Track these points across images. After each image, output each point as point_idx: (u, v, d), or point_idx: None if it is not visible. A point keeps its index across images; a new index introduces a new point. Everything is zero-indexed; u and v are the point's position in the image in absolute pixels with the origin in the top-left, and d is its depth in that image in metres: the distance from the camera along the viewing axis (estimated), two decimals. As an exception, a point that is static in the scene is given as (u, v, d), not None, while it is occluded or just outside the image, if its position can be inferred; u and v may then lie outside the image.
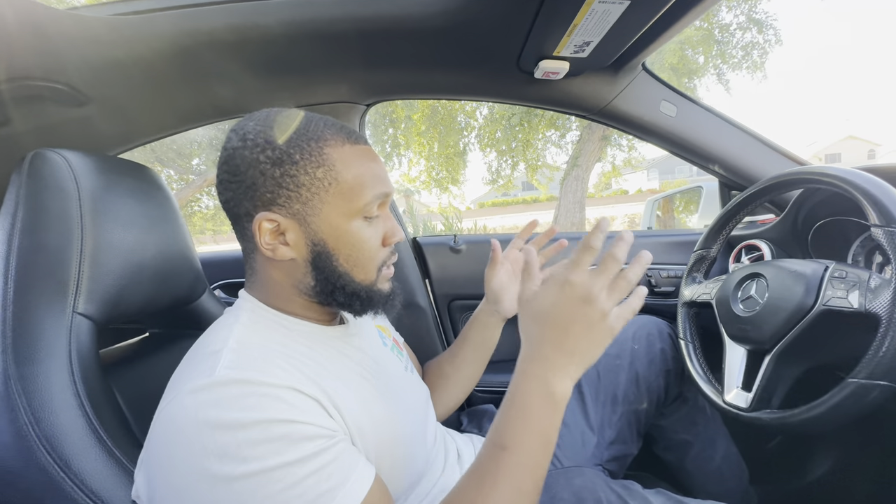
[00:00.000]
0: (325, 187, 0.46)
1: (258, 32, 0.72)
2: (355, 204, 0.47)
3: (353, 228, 0.48)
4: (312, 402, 0.41)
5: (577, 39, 0.70)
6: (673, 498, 0.59)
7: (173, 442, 0.37)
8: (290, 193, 0.45)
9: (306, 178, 0.45)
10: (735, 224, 0.81)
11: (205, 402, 0.37)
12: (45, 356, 0.47)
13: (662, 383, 0.82)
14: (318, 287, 0.49)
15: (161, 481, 0.38)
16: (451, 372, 0.77)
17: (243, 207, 0.46)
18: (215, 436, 0.36)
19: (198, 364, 0.42)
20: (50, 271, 0.51)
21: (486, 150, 7.75)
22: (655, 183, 26.45)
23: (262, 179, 0.45)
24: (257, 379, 0.39)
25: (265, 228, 0.45)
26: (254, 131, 0.46)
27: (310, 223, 0.46)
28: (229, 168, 0.46)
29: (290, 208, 0.45)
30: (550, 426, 0.42)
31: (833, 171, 0.60)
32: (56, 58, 0.69)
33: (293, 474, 0.36)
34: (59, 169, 0.53)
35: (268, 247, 0.46)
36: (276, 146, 0.45)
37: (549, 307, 0.44)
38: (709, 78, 6.72)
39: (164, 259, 0.64)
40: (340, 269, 0.48)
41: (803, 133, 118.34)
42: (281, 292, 0.50)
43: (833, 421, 0.53)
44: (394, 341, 0.68)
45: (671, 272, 1.08)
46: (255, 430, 0.36)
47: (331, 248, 0.47)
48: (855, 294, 0.53)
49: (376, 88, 0.92)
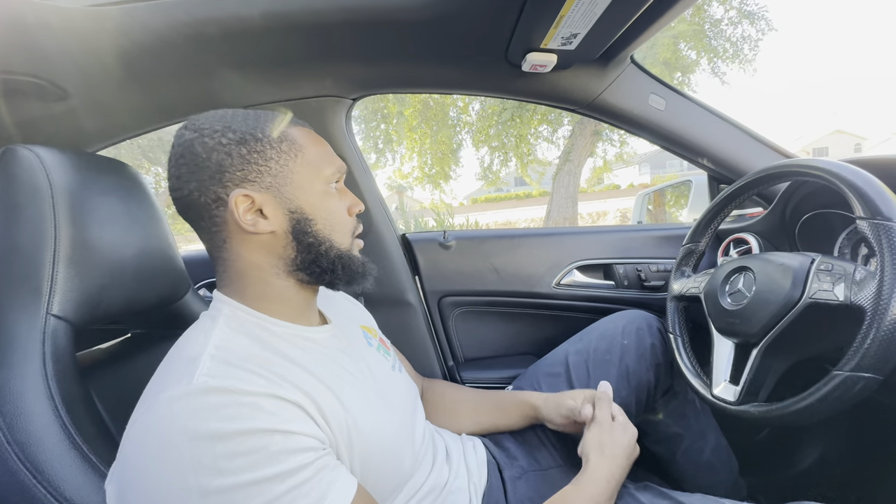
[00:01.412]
0: (293, 157, 0.48)
1: (241, 25, 0.70)
2: (322, 172, 0.50)
3: (323, 193, 0.50)
4: (295, 408, 0.40)
5: (565, 31, 0.69)
6: (660, 492, 0.59)
7: (148, 452, 0.36)
8: (259, 168, 0.46)
9: (273, 152, 0.47)
10: (723, 218, 0.81)
11: (182, 411, 0.36)
12: (18, 360, 0.46)
13: (652, 377, 0.82)
14: (299, 258, 0.49)
15: (134, 492, 0.37)
16: (464, 417, 0.77)
17: (212, 193, 0.46)
18: (191, 447, 0.35)
19: (175, 371, 0.40)
20: (22, 273, 0.49)
21: (479, 145, 7.74)
22: (647, 177, 26.61)
23: (230, 160, 0.45)
24: (237, 387, 0.38)
25: (241, 205, 0.46)
26: (209, 121, 0.47)
27: (284, 193, 0.48)
28: (188, 159, 0.46)
29: (263, 182, 0.46)
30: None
31: (820, 163, 0.60)
32: (35, 51, 0.67)
33: (270, 490, 0.35)
34: (30, 166, 0.52)
35: (248, 221, 0.46)
36: (236, 128, 0.46)
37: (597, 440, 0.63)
38: (701, 73, 6.75)
39: (145, 258, 0.63)
40: (321, 234, 0.50)
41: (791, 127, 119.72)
42: (257, 282, 0.49)
43: (820, 413, 0.53)
44: (380, 341, 0.67)
45: (661, 266, 1.09)
46: (233, 442, 0.35)
47: (308, 215, 0.49)
48: (840, 286, 0.53)
49: (362, 82, 0.90)
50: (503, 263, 1.13)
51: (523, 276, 1.12)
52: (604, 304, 1.09)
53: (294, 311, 0.52)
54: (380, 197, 1.08)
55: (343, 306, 0.70)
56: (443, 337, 1.16)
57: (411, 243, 1.14)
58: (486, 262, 1.13)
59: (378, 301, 1.05)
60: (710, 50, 6.40)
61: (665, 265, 1.09)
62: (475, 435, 0.76)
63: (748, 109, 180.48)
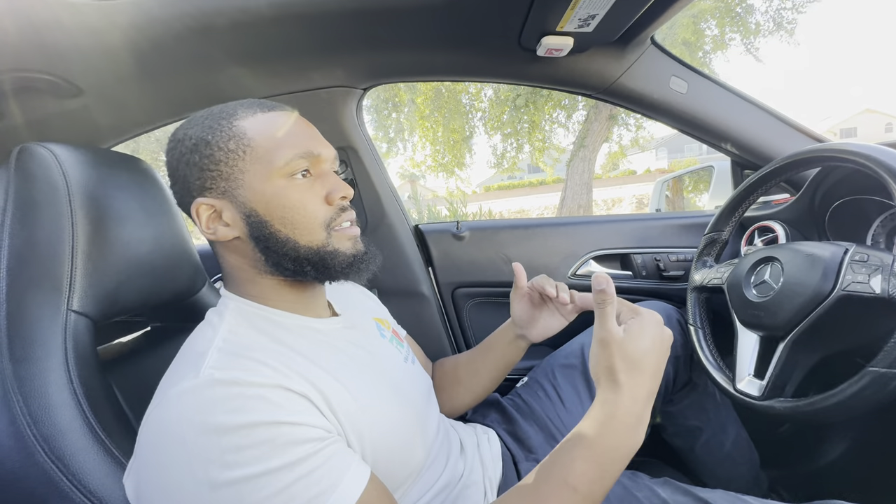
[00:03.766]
0: (241, 156, 0.46)
1: (249, 15, 0.69)
2: (274, 164, 0.46)
3: (279, 189, 0.46)
4: (302, 399, 0.40)
5: (582, 13, 0.66)
6: (680, 487, 0.58)
7: (160, 447, 0.36)
8: (212, 174, 0.46)
9: (221, 154, 0.45)
10: (748, 205, 0.78)
11: (189, 405, 0.36)
12: (41, 356, 0.47)
13: (671, 370, 0.80)
14: (268, 260, 0.48)
15: (149, 487, 0.37)
16: (465, 377, 0.76)
17: (186, 204, 0.48)
18: (199, 441, 0.35)
19: (184, 366, 0.41)
20: (43, 269, 0.50)
21: (492, 133, 7.64)
22: (664, 162, 25.98)
23: (189, 170, 0.46)
24: (242, 379, 0.38)
25: (203, 214, 0.46)
26: (176, 132, 0.48)
27: (237, 196, 0.46)
28: (169, 173, 0.49)
29: (218, 188, 0.46)
30: (621, 471, 0.42)
31: (854, 147, 0.57)
32: (48, 48, 0.67)
33: (279, 480, 0.35)
34: (46, 163, 0.52)
35: (209, 231, 0.47)
36: (191, 136, 0.46)
37: (649, 349, 0.43)
38: (725, 52, 6.47)
39: (161, 253, 0.63)
40: (280, 234, 0.47)
41: (817, 107, 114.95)
42: (249, 281, 0.50)
43: (850, 411, 0.51)
44: (393, 332, 0.67)
45: (680, 256, 1.06)
46: (239, 435, 0.35)
47: (262, 215, 0.46)
48: (877, 279, 0.51)
49: (373, 71, 0.89)
50: (517, 254, 1.11)
51: (538, 266, 1.10)
52: (621, 294, 1.06)
53: (297, 304, 0.52)
54: (391, 187, 1.07)
55: (356, 298, 0.70)
56: (457, 328, 1.15)
57: (424, 234, 1.14)
58: (500, 253, 1.12)
59: (391, 292, 1.04)
60: (743, 25, 6.10)
61: (685, 255, 1.05)
62: (490, 390, 0.76)
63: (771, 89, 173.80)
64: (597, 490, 0.41)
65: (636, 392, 0.42)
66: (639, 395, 0.42)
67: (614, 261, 1.12)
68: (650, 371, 0.43)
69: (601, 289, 0.44)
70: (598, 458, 0.41)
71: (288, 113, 0.50)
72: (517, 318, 0.69)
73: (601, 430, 0.42)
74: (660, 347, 0.44)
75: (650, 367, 0.43)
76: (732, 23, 6.10)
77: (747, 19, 6.07)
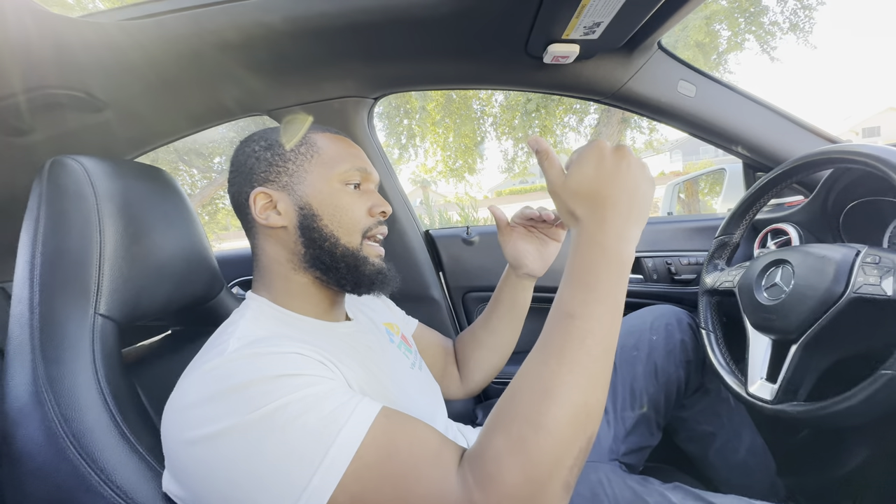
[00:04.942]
0: (308, 158, 0.53)
1: (263, 30, 0.72)
2: (335, 170, 0.53)
3: (334, 190, 0.53)
4: (320, 364, 0.42)
5: (587, 21, 0.67)
6: (690, 492, 0.58)
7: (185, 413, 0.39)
8: (279, 169, 0.53)
9: (292, 154, 0.53)
10: (759, 208, 0.77)
11: (217, 376, 0.38)
12: (71, 357, 0.49)
13: (682, 374, 0.80)
14: (307, 253, 0.53)
15: (176, 459, 0.39)
16: (485, 337, 0.77)
17: (244, 194, 0.53)
18: (227, 397, 0.37)
19: (207, 353, 0.43)
20: (72, 275, 0.52)
21: (503, 137, 7.65)
22: (679, 165, 25.57)
23: (257, 163, 0.53)
24: (265, 350, 0.40)
25: (260, 201, 0.52)
26: (255, 135, 0.56)
27: (296, 190, 0.53)
28: (234, 167, 0.55)
29: (280, 181, 0.53)
30: (619, 291, 0.40)
31: (864, 149, 0.56)
32: (74, 66, 0.71)
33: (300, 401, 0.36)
34: (76, 175, 0.55)
35: (262, 216, 0.52)
36: (268, 137, 0.54)
37: (593, 175, 0.42)
38: (739, 53, 6.39)
39: (181, 259, 0.66)
40: (325, 230, 0.52)
41: (839, 106, 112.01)
42: (280, 278, 0.53)
43: (864, 414, 0.50)
44: (402, 338, 0.68)
45: (692, 259, 1.05)
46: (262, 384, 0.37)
47: (315, 210, 0.52)
48: (889, 280, 0.50)
49: (383, 81, 0.91)
50: None
51: (548, 270, 1.11)
52: (632, 298, 1.07)
53: (318, 309, 0.54)
54: (403, 194, 1.09)
55: (368, 304, 0.71)
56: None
57: (434, 239, 1.15)
58: None
59: (402, 297, 1.05)
60: (756, 24, 6.02)
61: (696, 258, 1.05)
62: (512, 344, 0.78)
63: (790, 89, 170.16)
64: (593, 311, 0.39)
65: (598, 216, 0.41)
66: (603, 218, 0.41)
67: (625, 264, 1.12)
68: (605, 191, 0.42)
69: (536, 148, 0.47)
70: (579, 281, 0.40)
71: (348, 139, 0.59)
72: (512, 258, 0.71)
73: (575, 260, 0.42)
74: (610, 165, 0.42)
75: (603, 188, 0.42)
76: (747, 23, 6.02)
77: (761, 19, 5.98)
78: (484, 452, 0.36)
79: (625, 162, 0.42)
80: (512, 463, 0.34)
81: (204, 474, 0.36)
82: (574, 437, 0.35)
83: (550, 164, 0.46)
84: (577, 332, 0.38)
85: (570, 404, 0.36)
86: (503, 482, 0.33)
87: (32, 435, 0.45)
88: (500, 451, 0.35)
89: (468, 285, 1.15)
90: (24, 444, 0.44)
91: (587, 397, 0.36)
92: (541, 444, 0.34)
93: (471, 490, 0.34)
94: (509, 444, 0.35)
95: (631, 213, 0.42)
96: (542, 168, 0.47)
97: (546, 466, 0.34)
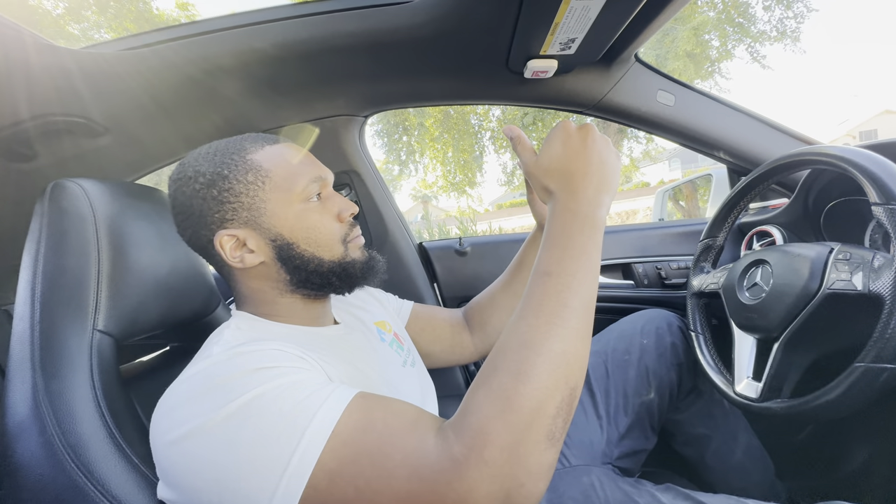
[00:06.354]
0: (260, 186, 0.49)
1: (255, 56, 0.76)
2: (293, 191, 0.50)
3: (299, 212, 0.51)
4: (298, 358, 0.43)
5: (562, 37, 0.70)
6: (681, 493, 0.58)
7: (168, 415, 0.40)
8: (233, 206, 0.49)
9: (241, 186, 0.48)
10: (740, 211, 0.79)
11: (199, 378, 0.40)
12: (70, 372, 0.51)
13: (675, 377, 0.80)
14: (293, 279, 0.52)
15: (164, 461, 0.40)
16: (505, 301, 0.77)
17: (203, 238, 0.50)
18: (205, 396, 0.38)
19: (193, 364, 0.45)
20: (72, 293, 0.54)
21: (501, 151, 7.74)
22: (678, 173, 25.66)
23: (206, 204, 0.48)
24: (246, 349, 0.41)
25: (227, 245, 0.49)
26: (184, 169, 0.50)
27: (261, 223, 0.49)
28: (177, 210, 0.51)
29: (239, 218, 0.49)
30: (593, 248, 0.42)
31: (830, 150, 0.58)
32: (76, 94, 0.75)
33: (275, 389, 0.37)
34: (76, 197, 0.57)
35: (235, 259, 0.50)
36: (204, 172, 0.49)
37: (561, 152, 0.46)
38: (730, 62, 6.51)
39: (177, 276, 0.68)
40: (306, 254, 0.51)
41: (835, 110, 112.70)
42: (266, 302, 0.53)
43: (844, 407, 0.51)
44: (394, 335, 0.69)
45: (682, 263, 1.06)
46: (240, 377, 0.38)
47: (288, 238, 0.50)
48: (859, 275, 0.52)
49: (372, 100, 0.95)
50: None
51: None
52: (624, 304, 1.08)
53: (306, 318, 0.55)
54: (395, 207, 1.11)
55: (357, 304, 0.71)
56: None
57: (428, 251, 1.17)
58: (503, 267, 1.14)
59: (398, 309, 1.07)
60: (748, 34, 6.15)
61: (686, 262, 1.06)
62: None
63: (783, 96, 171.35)
64: (567, 267, 0.41)
65: (570, 188, 0.45)
66: (574, 189, 0.45)
67: (616, 271, 1.13)
68: (573, 166, 0.46)
69: (510, 135, 0.51)
70: (554, 243, 0.43)
71: (291, 144, 0.54)
72: (541, 216, 0.69)
73: (551, 227, 0.44)
74: (576, 142, 0.46)
75: (571, 164, 0.46)
76: (734, 32, 6.15)
77: (750, 28, 6.11)
78: (465, 408, 0.36)
79: (590, 138, 0.46)
80: (492, 410, 0.34)
81: (190, 470, 0.37)
82: (555, 385, 0.36)
83: (523, 147, 0.51)
84: (553, 287, 0.40)
85: (548, 352, 0.36)
86: (483, 430, 0.33)
87: (31, 448, 0.46)
88: (481, 402, 0.35)
89: (463, 295, 1.16)
90: (24, 456, 0.46)
91: (565, 346, 0.37)
92: (520, 390, 0.35)
93: (451, 445, 0.34)
94: (489, 395, 0.35)
95: (600, 182, 0.45)
96: (516, 151, 0.51)
97: (527, 413, 0.34)
